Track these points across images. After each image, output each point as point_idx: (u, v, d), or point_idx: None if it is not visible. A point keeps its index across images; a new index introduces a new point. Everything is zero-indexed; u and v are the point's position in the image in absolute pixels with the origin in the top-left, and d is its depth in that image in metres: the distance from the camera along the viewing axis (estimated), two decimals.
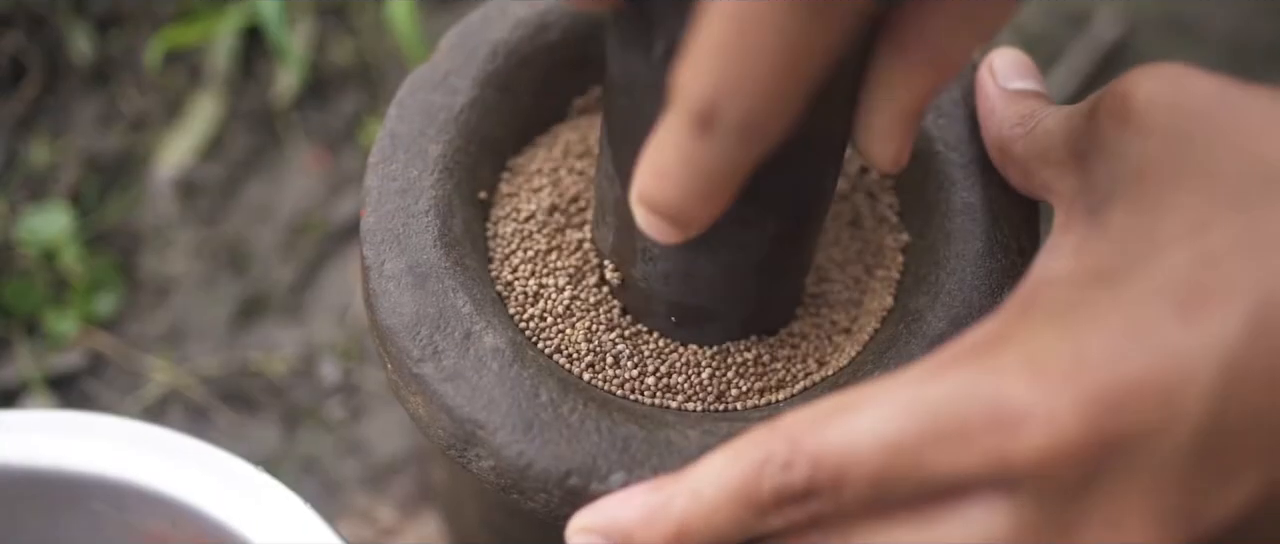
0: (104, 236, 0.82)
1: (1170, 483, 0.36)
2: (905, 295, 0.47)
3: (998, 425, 0.36)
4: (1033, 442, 0.36)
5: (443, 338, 0.44)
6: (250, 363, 0.79)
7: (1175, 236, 0.37)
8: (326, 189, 0.83)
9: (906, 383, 0.37)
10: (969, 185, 0.47)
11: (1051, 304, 0.38)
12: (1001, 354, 0.37)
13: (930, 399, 0.37)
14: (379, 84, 0.85)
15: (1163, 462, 0.36)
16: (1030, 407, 0.36)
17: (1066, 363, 0.36)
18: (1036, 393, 0.36)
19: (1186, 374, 0.35)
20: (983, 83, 0.46)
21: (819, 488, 0.37)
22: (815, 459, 0.37)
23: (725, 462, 0.39)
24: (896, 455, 0.36)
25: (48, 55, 0.86)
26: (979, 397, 0.36)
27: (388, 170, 0.47)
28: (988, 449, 0.36)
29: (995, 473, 0.36)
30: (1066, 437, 0.35)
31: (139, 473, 0.48)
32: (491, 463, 0.43)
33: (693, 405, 0.46)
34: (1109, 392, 0.35)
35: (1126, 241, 0.38)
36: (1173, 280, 0.36)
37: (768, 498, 0.38)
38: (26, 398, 0.78)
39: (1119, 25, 0.87)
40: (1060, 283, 0.39)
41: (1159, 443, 0.35)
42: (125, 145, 0.84)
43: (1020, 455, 0.36)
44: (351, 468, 0.77)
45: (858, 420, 0.37)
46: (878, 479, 0.37)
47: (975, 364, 0.37)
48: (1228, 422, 0.35)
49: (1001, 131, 0.45)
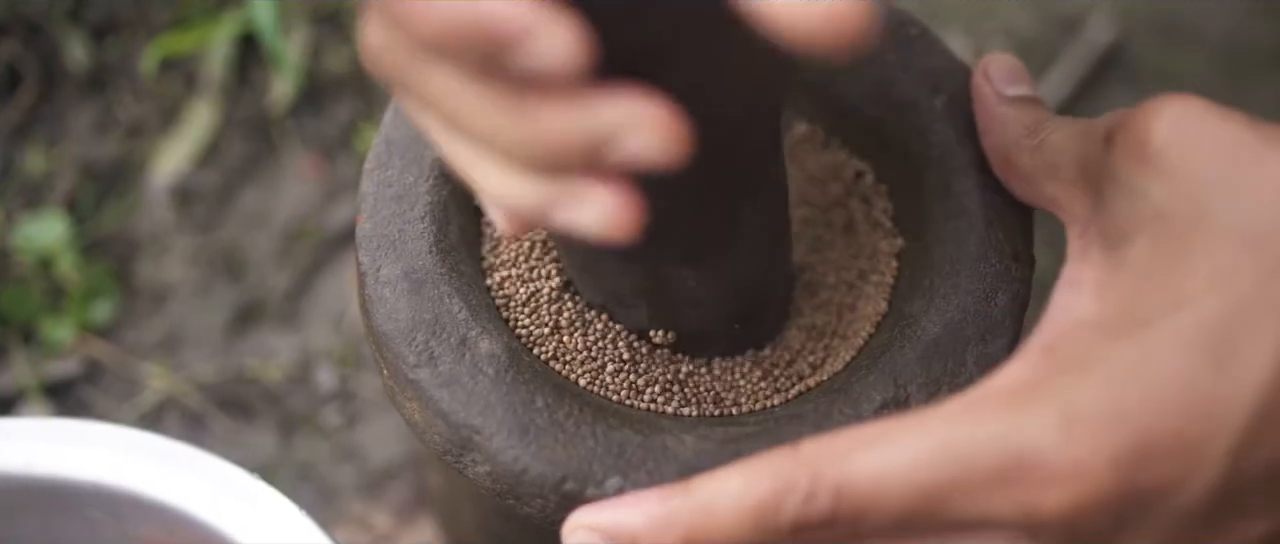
0: (100, 244, 0.82)
1: (1189, 527, 0.36)
2: (899, 300, 0.47)
3: (1028, 478, 0.36)
4: (1062, 497, 0.36)
5: (438, 343, 0.44)
6: (246, 370, 0.79)
7: (1204, 286, 0.37)
8: (322, 196, 0.83)
9: (937, 423, 0.37)
10: (963, 190, 0.47)
11: (1081, 352, 0.38)
12: (1034, 404, 0.37)
13: (960, 444, 0.36)
14: (375, 91, 0.85)
15: (1185, 509, 0.36)
16: (1062, 461, 0.36)
17: (1102, 418, 0.36)
18: (1070, 449, 0.36)
19: (1218, 424, 0.36)
20: (980, 90, 0.46)
21: (839, 521, 0.37)
22: (839, 493, 0.37)
23: (743, 483, 0.38)
24: (923, 499, 0.36)
25: (43, 63, 0.86)
26: (1010, 447, 0.36)
27: (383, 176, 0.47)
28: (1016, 500, 0.36)
29: (1021, 522, 0.36)
30: (1097, 493, 0.36)
31: (135, 480, 0.48)
32: (487, 468, 0.43)
33: (689, 410, 0.46)
34: (1142, 446, 0.36)
35: (1153, 289, 0.38)
36: (1205, 332, 0.36)
37: (786, 526, 0.37)
38: (23, 405, 0.78)
39: (1113, 29, 0.87)
40: (1087, 328, 0.39)
41: (1183, 492, 0.36)
42: (121, 153, 0.84)
43: (1048, 509, 0.36)
44: (347, 474, 0.77)
45: (886, 457, 0.37)
46: (901, 519, 0.37)
47: (1007, 412, 0.37)
48: (1249, 466, 0.36)
49: (1006, 141, 0.45)
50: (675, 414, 0.46)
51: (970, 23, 0.88)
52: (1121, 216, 0.40)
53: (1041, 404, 0.37)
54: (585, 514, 0.41)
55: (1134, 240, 0.39)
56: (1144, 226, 0.39)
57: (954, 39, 0.87)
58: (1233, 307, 0.36)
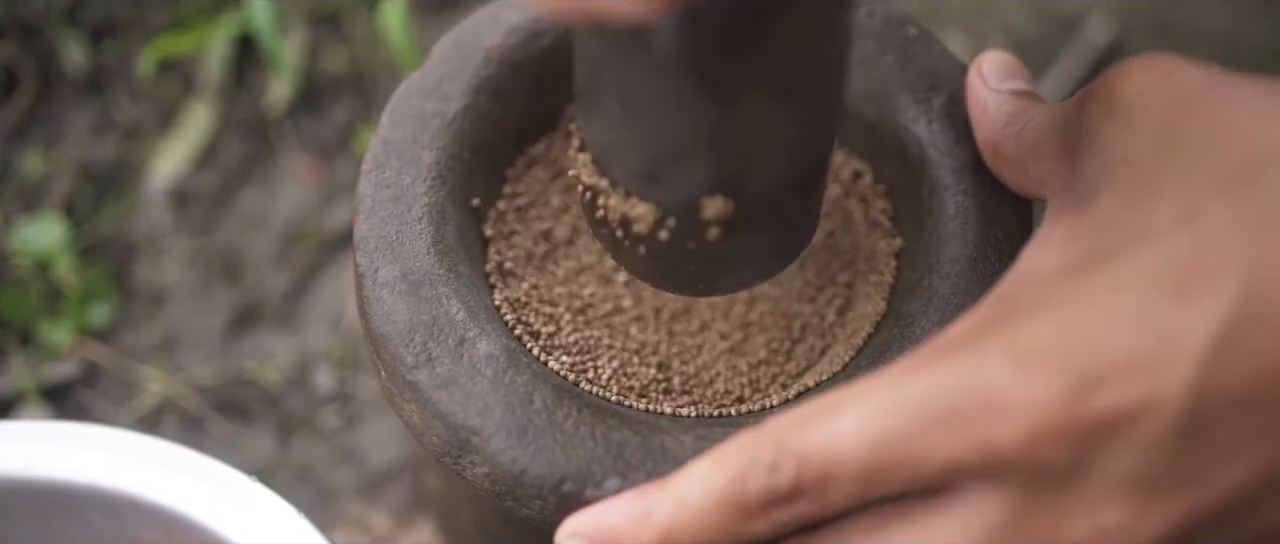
0: (98, 246, 0.82)
1: (1158, 463, 0.36)
2: (898, 300, 0.47)
3: (982, 414, 0.36)
4: (1017, 427, 0.35)
5: (436, 345, 0.44)
6: (244, 372, 0.79)
7: (1168, 221, 0.37)
8: (320, 198, 0.83)
9: (889, 380, 0.37)
10: (961, 189, 0.47)
11: (1036, 295, 0.38)
12: (984, 345, 0.37)
13: (914, 393, 0.36)
14: (372, 92, 0.85)
15: (1149, 442, 0.35)
16: (1014, 392, 0.36)
17: (1051, 348, 0.36)
18: (1020, 378, 0.36)
19: (1173, 351, 0.35)
20: (973, 85, 0.46)
21: (805, 488, 0.37)
22: (801, 459, 0.37)
23: (710, 466, 0.38)
24: (882, 451, 0.36)
25: (41, 65, 0.86)
26: (961, 387, 0.36)
27: (381, 177, 0.47)
28: (973, 438, 0.36)
29: (982, 462, 0.36)
30: (1051, 420, 0.35)
31: (134, 483, 0.48)
32: (486, 470, 0.43)
33: (687, 411, 0.46)
34: (1094, 372, 0.35)
35: (1117, 229, 0.38)
36: (1168, 263, 0.36)
37: (754, 501, 0.38)
38: (21, 408, 0.78)
39: (1111, 29, 0.87)
40: (1046, 274, 0.39)
41: (1145, 423, 0.35)
42: (119, 155, 0.84)
43: (1005, 442, 0.36)
44: (346, 476, 0.77)
45: (842, 419, 0.37)
46: (865, 476, 0.37)
47: (957, 356, 0.37)
48: (1216, 400, 0.35)
49: (993, 131, 0.45)
50: (674, 415, 0.46)
51: (969, 22, 0.88)
52: (1092, 171, 0.40)
53: (991, 345, 0.37)
54: (572, 522, 0.41)
55: (1102, 191, 0.39)
56: (1112, 175, 0.39)
57: (953, 39, 0.87)
58: (1198, 240, 0.36)
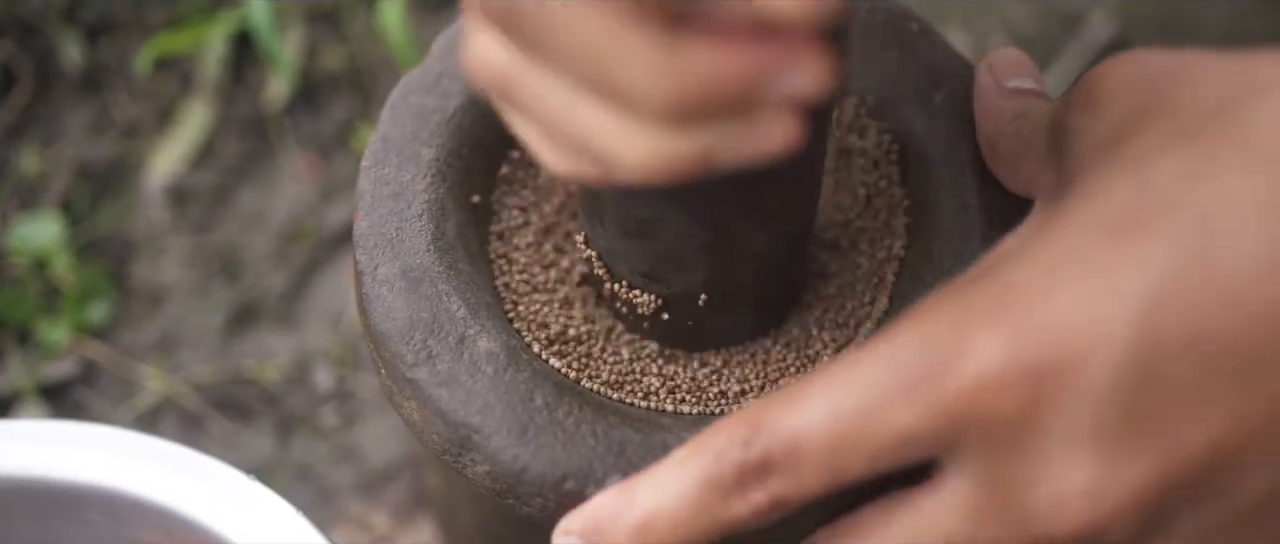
0: (95, 245, 0.82)
1: (1111, 414, 0.35)
2: (900, 298, 0.47)
3: (930, 375, 0.36)
4: (961, 380, 0.35)
5: (437, 342, 0.44)
6: (243, 370, 0.79)
7: (1115, 175, 0.36)
8: (319, 196, 0.83)
9: (852, 360, 0.38)
10: (964, 187, 0.47)
11: (988, 272, 0.38)
12: (932, 317, 0.37)
13: (870, 366, 0.37)
14: (371, 90, 0.85)
15: (1098, 389, 0.35)
16: (957, 349, 0.35)
17: (992, 304, 0.36)
18: (963, 336, 0.35)
19: (1111, 296, 0.34)
20: (982, 82, 0.46)
21: (775, 461, 0.37)
22: (772, 432, 0.38)
23: (688, 450, 0.39)
24: (842, 423, 0.37)
25: (38, 63, 0.86)
26: (911, 354, 0.36)
27: (380, 174, 0.47)
28: (924, 401, 0.36)
29: (937, 426, 0.36)
30: (992, 369, 0.35)
31: (133, 482, 0.48)
32: (486, 468, 0.43)
33: (688, 408, 0.46)
34: (1033, 320, 0.35)
35: (1071, 188, 0.38)
36: (1108, 211, 0.36)
37: (730, 478, 0.38)
38: (19, 407, 0.78)
39: (1113, 26, 0.87)
40: (1004, 255, 0.39)
41: (1090, 368, 0.34)
42: (116, 153, 0.84)
43: (953, 396, 0.35)
44: (346, 475, 0.77)
45: (808, 398, 0.37)
46: (829, 450, 0.37)
47: (910, 327, 0.37)
48: (1169, 345, 0.34)
49: (994, 129, 0.45)
50: (676, 412, 0.46)
51: (970, 19, 0.88)
52: (1070, 161, 0.40)
53: (939, 314, 0.37)
54: (565, 521, 0.41)
55: (1075, 177, 0.39)
56: (1084, 161, 0.39)
57: (954, 35, 0.86)
58: (1141, 188, 0.35)
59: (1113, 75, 0.40)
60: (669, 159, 0.32)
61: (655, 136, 0.32)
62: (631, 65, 0.31)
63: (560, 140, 0.34)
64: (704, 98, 0.31)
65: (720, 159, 0.33)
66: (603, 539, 0.40)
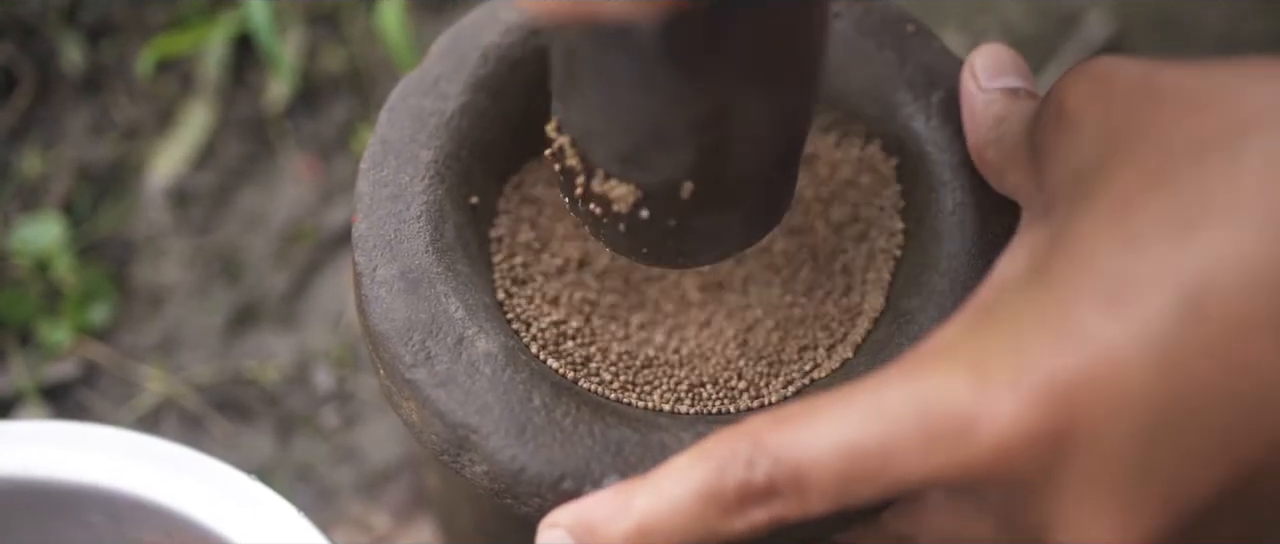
0: (97, 246, 0.82)
1: (1128, 475, 0.36)
2: (897, 297, 0.47)
3: (950, 428, 0.36)
4: (983, 443, 0.36)
5: (435, 343, 0.44)
6: (244, 371, 0.79)
7: (1101, 225, 0.37)
8: (318, 197, 0.83)
9: (867, 389, 0.38)
10: (959, 186, 0.47)
11: (1001, 306, 0.38)
12: (949, 361, 0.37)
13: (885, 405, 0.37)
14: (370, 91, 0.85)
15: (1116, 456, 0.36)
16: (978, 409, 0.36)
17: (1007, 363, 0.36)
18: (983, 394, 0.36)
19: (1121, 367, 0.35)
20: (965, 85, 0.46)
21: (780, 487, 0.38)
22: (776, 457, 0.38)
23: (690, 460, 0.39)
24: (854, 460, 0.37)
25: (39, 65, 0.86)
26: (930, 401, 0.37)
27: (379, 176, 0.47)
28: (944, 453, 0.37)
29: (957, 477, 0.37)
30: (1014, 434, 0.36)
31: (134, 483, 0.48)
32: (485, 468, 0.43)
33: (686, 408, 0.46)
34: (1048, 388, 0.36)
35: (1064, 239, 0.38)
36: (1100, 274, 0.36)
37: (731, 495, 0.38)
38: (21, 408, 0.78)
39: (1110, 25, 0.87)
40: (1012, 284, 0.40)
41: (1109, 437, 0.36)
42: (117, 154, 0.84)
43: (974, 457, 0.36)
44: (346, 475, 0.77)
45: (818, 424, 0.38)
46: (838, 482, 0.37)
47: (930, 370, 0.37)
48: (1175, 411, 0.35)
49: (979, 135, 0.45)
50: (673, 412, 0.46)
51: (967, 19, 0.88)
52: (1050, 184, 0.40)
53: (955, 360, 0.37)
54: (553, 514, 0.41)
55: (1057, 202, 0.40)
56: (1063, 188, 0.39)
57: (951, 36, 0.87)
58: (1127, 243, 0.36)
59: (1078, 93, 0.40)
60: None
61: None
62: None
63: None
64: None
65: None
66: (594, 541, 0.40)
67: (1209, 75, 0.37)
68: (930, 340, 0.39)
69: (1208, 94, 0.37)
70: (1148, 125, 0.37)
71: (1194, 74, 0.38)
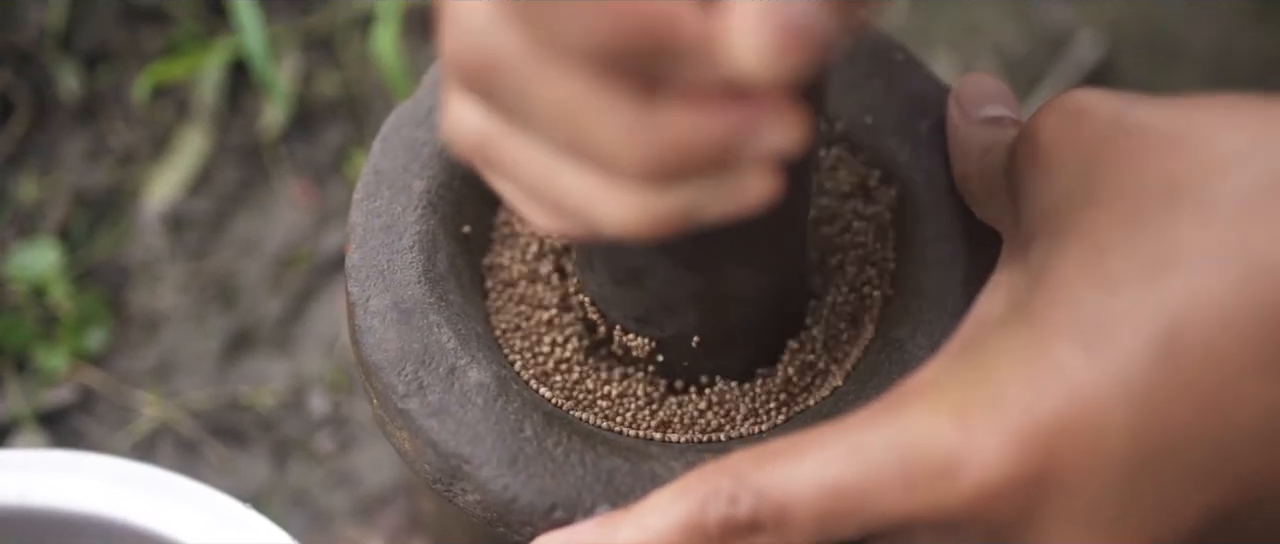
0: (93, 272, 0.82)
1: (1108, 516, 0.36)
2: (887, 325, 0.47)
3: (931, 471, 0.37)
4: (964, 485, 0.37)
5: (428, 373, 0.44)
6: (239, 397, 0.79)
7: (1077, 265, 0.37)
8: (314, 222, 0.84)
9: (850, 428, 0.38)
10: (947, 215, 0.47)
11: (980, 347, 0.39)
12: (935, 399, 0.38)
13: (867, 445, 0.37)
14: (365, 116, 0.86)
15: (1096, 496, 0.36)
16: (959, 450, 0.37)
17: (987, 406, 0.37)
18: (964, 437, 0.37)
19: (1099, 410, 0.36)
20: (950, 115, 0.46)
21: (763, 523, 0.38)
22: (759, 494, 0.38)
23: (673, 495, 0.39)
24: (836, 498, 0.37)
25: (35, 92, 0.86)
26: (912, 442, 0.37)
27: (372, 206, 0.47)
28: (925, 494, 0.37)
29: (937, 517, 0.37)
30: (995, 478, 0.36)
31: (130, 511, 0.48)
32: (477, 497, 0.43)
33: (676, 436, 0.46)
34: (1028, 432, 0.36)
35: (1041, 279, 0.38)
36: (1077, 315, 0.36)
37: (713, 529, 0.39)
38: (17, 435, 0.78)
39: (1100, 46, 0.88)
40: (992, 323, 0.40)
41: (1089, 478, 0.36)
42: (113, 180, 0.84)
43: (955, 499, 0.37)
44: (341, 500, 0.77)
45: (800, 463, 0.38)
46: (819, 518, 0.38)
47: (912, 409, 0.38)
48: (1152, 451, 0.36)
49: (964, 166, 0.46)
50: (664, 441, 0.46)
51: (957, 41, 0.88)
52: (1026, 220, 0.41)
53: (937, 401, 0.38)
54: (544, 539, 0.42)
55: (1034, 240, 0.40)
56: (1038, 225, 0.40)
57: (941, 58, 0.87)
58: (1102, 285, 0.36)
59: (1053, 130, 0.40)
60: (650, 218, 0.33)
61: (635, 196, 0.33)
62: (607, 129, 0.31)
63: (543, 202, 0.35)
64: (680, 159, 0.32)
65: (701, 215, 0.33)
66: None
67: (1182, 115, 0.38)
68: (913, 378, 0.39)
69: (1180, 135, 0.37)
70: (1121, 165, 0.38)
71: (1167, 113, 0.38)
